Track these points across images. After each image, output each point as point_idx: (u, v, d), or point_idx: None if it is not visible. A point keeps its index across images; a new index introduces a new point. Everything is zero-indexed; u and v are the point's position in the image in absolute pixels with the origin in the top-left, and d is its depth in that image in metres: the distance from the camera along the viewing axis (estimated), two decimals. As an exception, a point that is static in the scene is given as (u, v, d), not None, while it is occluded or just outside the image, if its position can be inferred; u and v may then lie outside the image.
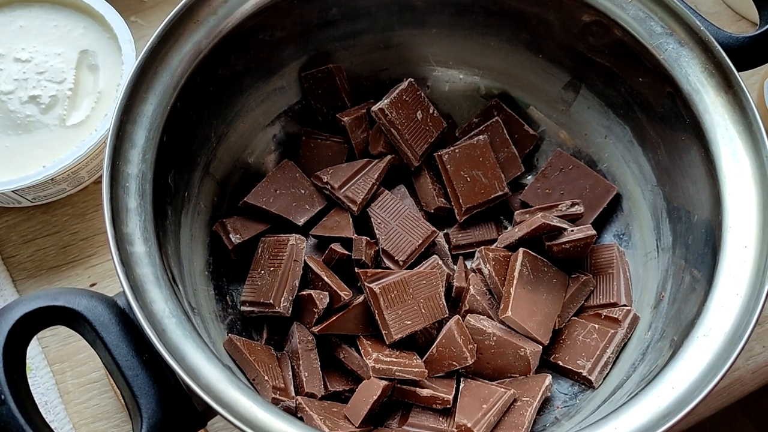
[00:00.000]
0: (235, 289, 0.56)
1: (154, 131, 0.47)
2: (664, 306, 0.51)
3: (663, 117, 0.52)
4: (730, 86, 0.49)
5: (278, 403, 0.48)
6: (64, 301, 0.44)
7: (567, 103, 0.59)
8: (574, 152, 0.60)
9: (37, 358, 0.58)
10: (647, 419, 0.41)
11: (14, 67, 0.61)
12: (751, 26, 0.72)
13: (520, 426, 0.49)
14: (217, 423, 0.55)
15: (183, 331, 0.42)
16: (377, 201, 0.57)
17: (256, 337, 0.55)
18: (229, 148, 0.57)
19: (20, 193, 0.58)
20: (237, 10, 0.51)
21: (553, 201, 0.58)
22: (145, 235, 0.45)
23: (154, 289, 0.43)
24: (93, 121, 0.60)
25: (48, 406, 0.56)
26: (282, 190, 0.57)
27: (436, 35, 0.60)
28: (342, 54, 0.59)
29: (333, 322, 0.52)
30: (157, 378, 0.43)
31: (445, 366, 0.51)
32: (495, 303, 0.54)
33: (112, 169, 0.45)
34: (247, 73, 0.55)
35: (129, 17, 0.70)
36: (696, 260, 0.49)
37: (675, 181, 0.53)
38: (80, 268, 0.61)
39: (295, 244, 0.53)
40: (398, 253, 0.55)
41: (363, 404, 0.48)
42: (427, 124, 0.58)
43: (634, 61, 0.52)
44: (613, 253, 0.55)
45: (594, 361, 0.51)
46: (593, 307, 0.55)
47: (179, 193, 0.51)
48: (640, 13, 0.51)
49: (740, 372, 0.59)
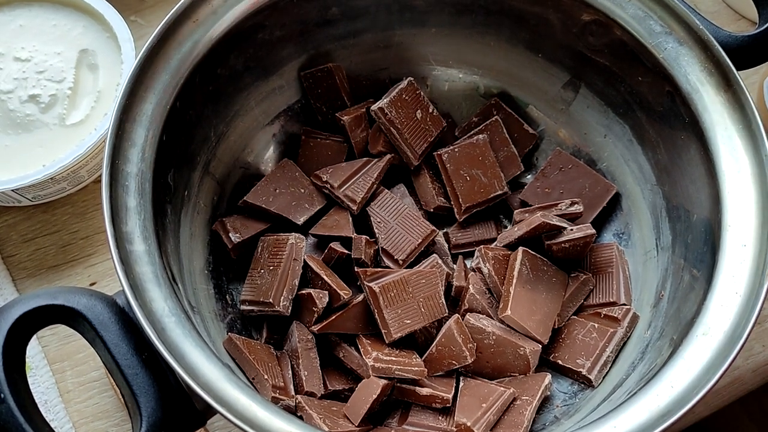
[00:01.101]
0: (235, 288, 0.56)
1: (154, 130, 0.47)
2: (663, 305, 0.51)
3: (662, 116, 0.52)
4: (730, 85, 0.49)
5: (278, 402, 0.48)
6: (64, 299, 0.44)
7: (566, 102, 0.59)
8: (573, 151, 0.60)
9: (36, 357, 0.58)
10: (646, 418, 0.41)
11: (14, 66, 0.61)
12: (750, 25, 0.72)
13: (519, 425, 0.49)
14: (217, 422, 0.55)
15: (182, 329, 0.42)
16: (377, 200, 0.57)
17: (256, 336, 0.55)
18: (229, 148, 0.57)
19: (20, 192, 0.58)
20: (236, 10, 0.51)
21: (553, 200, 0.58)
22: (144, 234, 0.45)
23: (153, 287, 0.43)
24: (93, 120, 0.60)
25: (48, 405, 0.56)
26: (282, 189, 0.57)
27: (435, 34, 0.60)
28: (342, 53, 0.59)
29: (332, 321, 0.52)
30: (156, 377, 0.43)
31: (444, 365, 0.51)
32: (494, 302, 0.54)
33: (111, 168, 0.45)
34: (246, 72, 0.55)
35: (129, 16, 0.69)
36: (695, 259, 0.49)
37: (674, 180, 0.53)
38: (80, 267, 0.61)
39: (294, 243, 0.53)
40: (398, 252, 0.55)
41: (362, 403, 0.48)
42: (427, 124, 0.58)
43: (634, 60, 0.52)
44: (612, 252, 0.55)
45: (593, 360, 0.51)
46: (593, 306, 0.55)
47: (179, 192, 0.51)
48: (640, 12, 0.51)
49: (740, 371, 0.59)
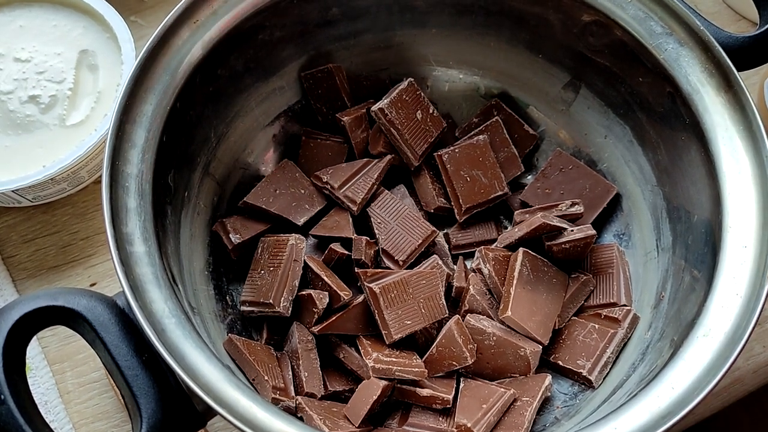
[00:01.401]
0: (235, 289, 0.56)
1: (154, 131, 0.47)
2: (664, 306, 0.51)
3: (663, 117, 0.52)
4: (730, 86, 0.49)
5: (278, 403, 0.48)
6: (64, 301, 0.44)
7: (567, 102, 0.59)
8: (573, 152, 0.60)
9: (37, 358, 0.58)
10: (647, 419, 0.41)
11: (14, 66, 0.61)
12: (751, 26, 0.72)
13: (520, 426, 0.49)
14: (217, 423, 0.55)
15: (183, 330, 0.42)
16: (377, 201, 0.57)
17: (256, 337, 0.55)
18: (229, 148, 0.57)
19: (20, 193, 0.58)
20: (236, 10, 0.51)
21: (553, 201, 0.58)
22: (144, 235, 0.45)
23: (153, 288, 0.43)
24: (93, 121, 0.60)
25: (48, 406, 0.56)
26: (282, 189, 0.57)
27: (436, 35, 0.60)
28: (342, 54, 0.59)
29: (333, 322, 0.52)
30: (156, 378, 0.43)
31: (445, 366, 0.51)
32: (495, 303, 0.54)
33: (111, 168, 0.45)
34: (246, 73, 0.55)
35: (129, 17, 0.69)
36: (696, 260, 0.49)
37: (675, 181, 0.53)
38: (80, 267, 0.61)
39: (294, 243, 0.53)
40: (398, 253, 0.55)
41: (363, 404, 0.48)
42: (427, 124, 0.58)
43: (634, 61, 0.52)
44: (613, 252, 0.55)
45: (594, 361, 0.51)
46: (593, 306, 0.55)
47: (179, 192, 0.51)
48: (640, 12, 0.51)
49: (740, 372, 0.59)
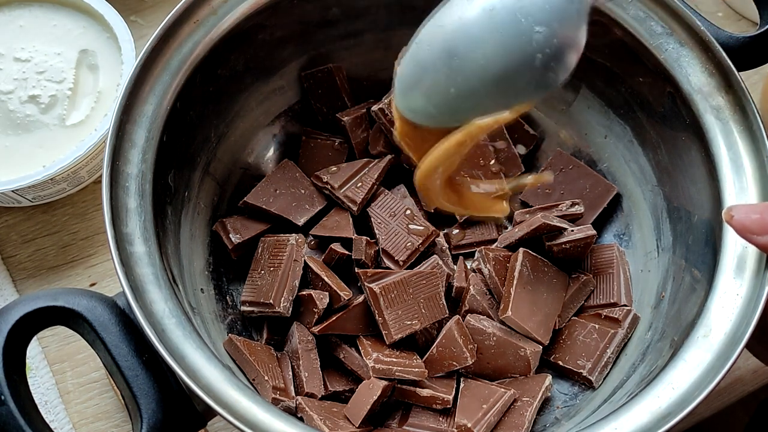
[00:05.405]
0: (235, 289, 0.56)
1: (154, 131, 0.47)
2: (664, 306, 0.51)
3: (663, 117, 0.52)
4: (731, 86, 0.49)
5: (278, 404, 0.48)
6: (64, 301, 0.44)
7: (567, 102, 0.59)
8: (574, 152, 0.60)
9: (37, 358, 0.58)
10: (647, 419, 0.41)
11: (14, 66, 0.61)
12: (751, 26, 0.72)
13: (520, 426, 0.49)
14: (217, 423, 0.55)
15: (183, 331, 0.42)
16: (377, 201, 0.57)
17: (256, 337, 0.55)
18: (229, 148, 0.57)
19: (20, 193, 0.58)
20: (237, 10, 0.51)
21: (553, 201, 0.58)
22: (144, 235, 0.45)
23: (153, 289, 0.43)
24: (93, 121, 0.60)
25: (48, 406, 0.56)
26: (282, 189, 0.57)
27: (436, 35, 0.60)
28: (342, 54, 0.59)
29: (333, 322, 0.52)
30: (157, 378, 0.43)
31: (445, 366, 0.51)
32: (495, 303, 0.54)
33: (111, 169, 0.45)
34: (247, 72, 0.55)
35: (129, 17, 0.69)
36: (696, 260, 0.49)
37: (675, 181, 0.53)
38: (80, 267, 0.61)
39: (294, 243, 0.53)
40: (398, 253, 0.55)
41: (363, 404, 0.48)
42: (427, 124, 0.58)
43: (635, 61, 0.52)
44: (613, 253, 0.55)
45: (594, 361, 0.51)
46: (593, 307, 0.55)
47: (179, 192, 0.51)
48: (640, 12, 0.51)
49: (740, 372, 0.59)
